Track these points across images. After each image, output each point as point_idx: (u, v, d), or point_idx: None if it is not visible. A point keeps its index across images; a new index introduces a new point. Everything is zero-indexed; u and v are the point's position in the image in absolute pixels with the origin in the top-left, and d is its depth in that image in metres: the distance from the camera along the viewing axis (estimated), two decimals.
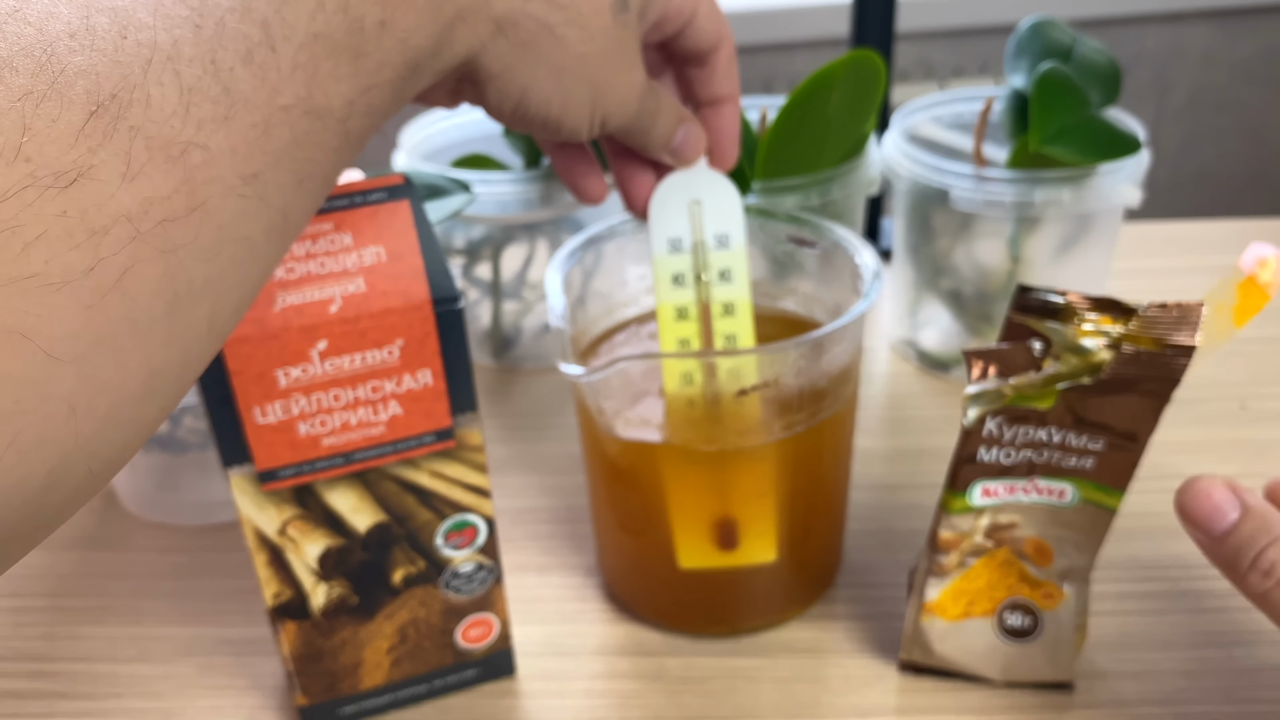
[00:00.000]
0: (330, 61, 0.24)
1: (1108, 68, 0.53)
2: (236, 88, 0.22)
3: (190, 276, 0.21)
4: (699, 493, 0.41)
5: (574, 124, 0.34)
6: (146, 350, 0.21)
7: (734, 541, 0.41)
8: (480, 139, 0.62)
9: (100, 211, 0.19)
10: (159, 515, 0.53)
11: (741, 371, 0.40)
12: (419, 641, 0.40)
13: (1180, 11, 1.38)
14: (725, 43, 0.39)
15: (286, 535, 0.36)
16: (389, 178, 0.35)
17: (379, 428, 0.35)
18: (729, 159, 0.41)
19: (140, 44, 0.20)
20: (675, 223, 0.41)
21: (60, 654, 0.45)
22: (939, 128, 0.60)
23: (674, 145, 0.39)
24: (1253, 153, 1.50)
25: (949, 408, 0.58)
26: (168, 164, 0.20)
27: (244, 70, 0.22)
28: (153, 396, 0.21)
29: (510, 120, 0.34)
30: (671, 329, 0.41)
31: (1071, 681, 0.40)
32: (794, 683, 0.42)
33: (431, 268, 0.33)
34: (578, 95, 0.34)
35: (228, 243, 0.22)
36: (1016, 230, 0.54)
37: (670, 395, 0.40)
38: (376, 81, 0.25)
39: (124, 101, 0.19)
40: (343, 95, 0.24)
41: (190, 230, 0.21)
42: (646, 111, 0.37)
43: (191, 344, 0.22)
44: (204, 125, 0.21)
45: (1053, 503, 0.37)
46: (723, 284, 0.41)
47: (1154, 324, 0.33)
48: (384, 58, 0.26)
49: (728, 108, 0.41)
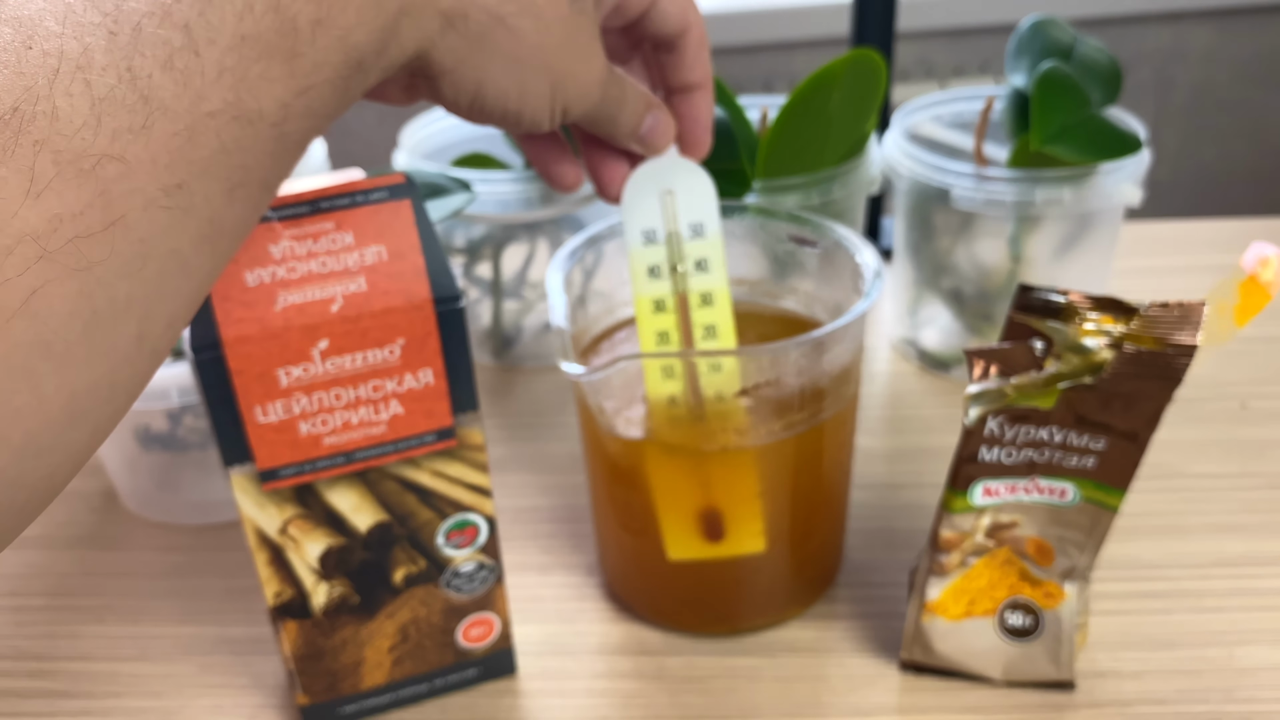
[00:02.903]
0: (261, 64, 0.23)
1: (1108, 67, 0.53)
2: (156, 95, 0.21)
3: (111, 294, 0.20)
4: (696, 489, 0.41)
5: (534, 116, 0.33)
6: (64, 373, 0.20)
7: (720, 533, 0.41)
8: (481, 138, 0.62)
9: (2, 232, 0.18)
10: (159, 514, 0.53)
11: (726, 371, 0.39)
12: (420, 641, 0.40)
13: (1180, 11, 1.38)
14: (693, 27, 0.38)
15: (287, 534, 0.36)
16: (390, 177, 0.34)
17: (380, 427, 0.35)
18: (702, 148, 0.40)
19: (47, 54, 0.19)
20: (649, 214, 0.40)
21: (60, 653, 0.45)
22: (939, 127, 0.60)
23: (642, 133, 0.38)
24: (1253, 153, 1.50)
25: (950, 407, 0.58)
26: (79, 178, 0.19)
27: (164, 77, 0.21)
28: (78, 421, 0.21)
29: (468, 114, 0.33)
30: (649, 321, 0.41)
31: (1072, 681, 0.40)
32: (795, 682, 0.42)
33: (433, 267, 0.33)
34: (535, 86, 0.33)
35: (152, 257, 0.21)
36: (1017, 229, 0.54)
37: (653, 397, 0.40)
38: (314, 82, 0.24)
39: (26, 115, 0.19)
40: (276, 98, 0.23)
41: (106, 246, 0.20)
42: (610, 99, 0.36)
43: (119, 364, 0.21)
44: (119, 136, 0.20)
45: (1054, 502, 0.37)
46: (699, 274, 0.41)
47: (1155, 323, 0.33)
48: (321, 57, 0.24)
49: (699, 94, 0.40)
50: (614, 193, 0.40)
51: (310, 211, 0.33)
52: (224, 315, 0.32)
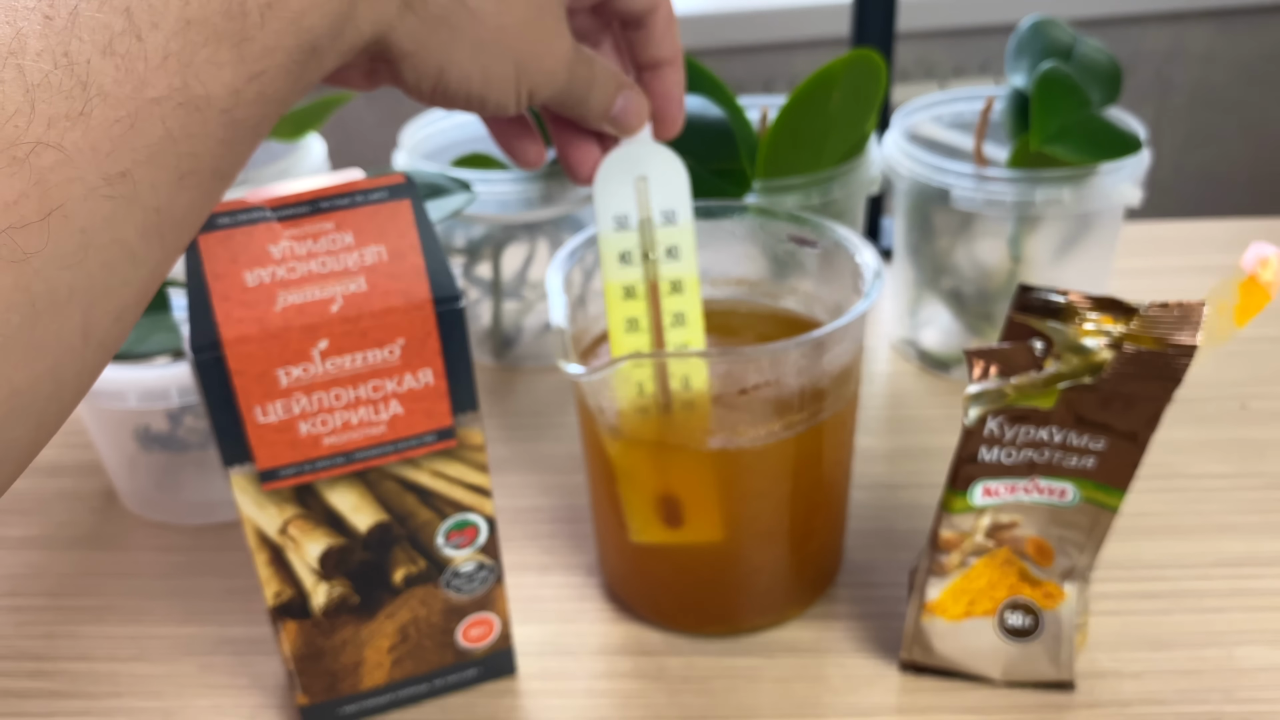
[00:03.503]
0: (208, 48, 0.22)
1: (1108, 67, 0.53)
2: (95, 81, 0.20)
3: (50, 285, 0.20)
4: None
5: (499, 99, 0.33)
6: (3, 368, 0.19)
7: (679, 520, 0.41)
8: (481, 138, 0.62)
9: None
10: (159, 515, 0.53)
11: (693, 364, 0.39)
12: (420, 641, 0.40)
13: (1180, 11, 1.38)
14: (661, 4, 0.38)
15: (287, 534, 0.36)
16: (390, 177, 0.34)
17: (380, 427, 0.35)
18: (673, 125, 0.40)
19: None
20: (621, 199, 0.40)
21: (60, 654, 0.45)
22: (939, 127, 0.60)
23: (614, 114, 0.38)
24: (1253, 153, 1.50)
25: (950, 407, 0.58)
26: (12, 166, 0.19)
27: (103, 62, 0.20)
28: (20, 416, 0.20)
29: (431, 99, 0.32)
30: (619, 308, 0.41)
31: (1072, 681, 0.40)
32: (794, 682, 0.42)
33: (432, 267, 0.33)
34: (499, 69, 0.32)
35: (94, 247, 0.20)
36: (1017, 230, 0.54)
37: (621, 388, 0.40)
38: (265, 67, 0.24)
39: None
40: (225, 84, 0.23)
41: (43, 236, 0.19)
42: (579, 80, 0.35)
43: (63, 357, 0.21)
44: (55, 123, 0.19)
45: (1054, 502, 0.37)
46: (670, 261, 0.41)
47: (1155, 323, 0.33)
48: (272, 41, 0.24)
49: (669, 70, 0.39)
50: (585, 175, 0.40)
51: (310, 211, 0.33)
52: (224, 315, 0.32)
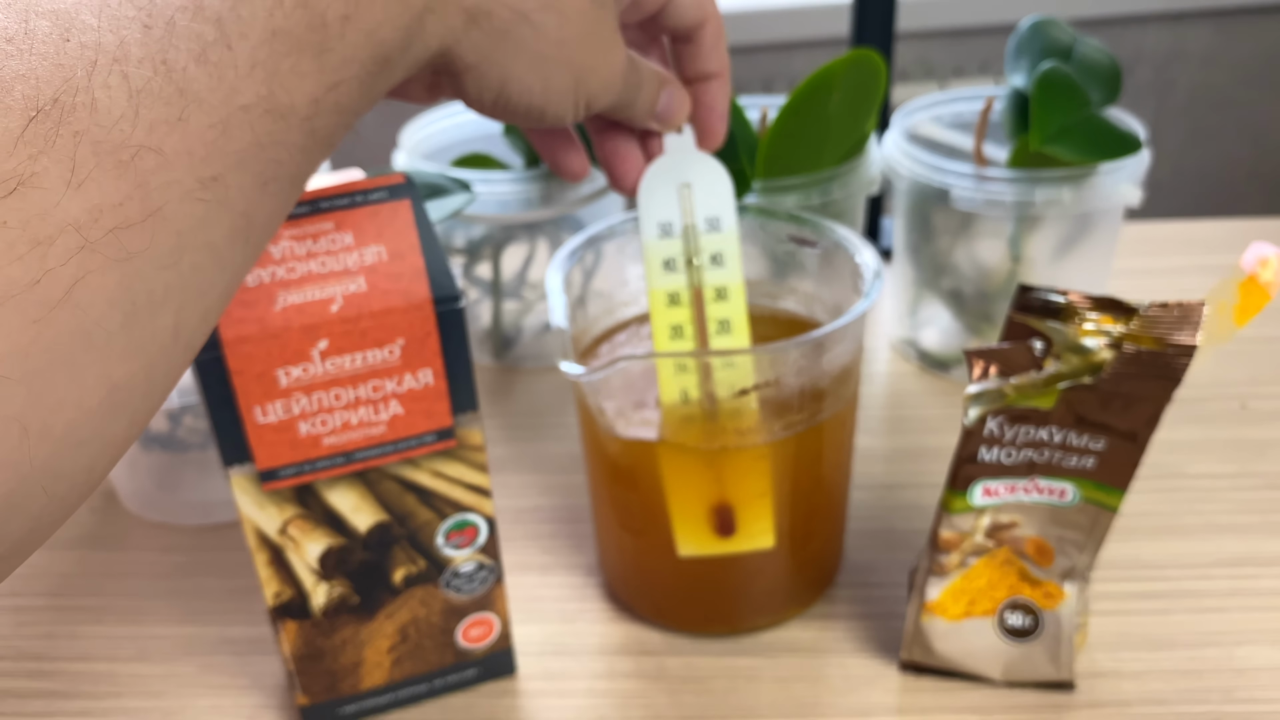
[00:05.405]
0: (291, 58, 0.23)
1: (1108, 67, 0.53)
2: (190, 88, 0.21)
3: (149, 286, 0.20)
4: (698, 487, 0.40)
5: (558, 110, 0.34)
6: (105, 364, 0.20)
7: (732, 528, 0.41)
8: (480, 138, 0.62)
9: (44, 221, 0.18)
10: (159, 515, 0.53)
11: (738, 366, 0.40)
12: (419, 641, 0.40)
13: (1180, 11, 1.38)
14: (710, 19, 0.39)
15: (287, 535, 0.36)
16: (390, 177, 0.35)
17: (380, 427, 0.35)
18: (717, 137, 0.41)
19: (84, 46, 0.19)
20: (665, 207, 0.40)
21: (60, 654, 0.45)
22: (939, 127, 0.60)
23: (658, 111, 0.39)
24: (1253, 153, 1.50)
25: (949, 407, 0.58)
26: (118, 169, 0.19)
27: (198, 70, 0.21)
28: (117, 412, 0.21)
29: (491, 111, 0.33)
30: (663, 315, 0.41)
31: (1072, 681, 0.40)
32: (794, 682, 0.42)
33: (432, 267, 0.33)
34: (559, 81, 0.33)
35: (188, 249, 0.21)
36: (1017, 230, 0.54)
37: (665, 394, 0.40)
38: (343, 78, 0.25)
39: (66, 106, 0.19)
40: (306, 93, 0.24)
41: (146, 237, 0.20)
42: (630, 86, 0.36)
43: (156, 356, 0.21)
44: (156, 128, 0.20)
45: (1053, 502, 0.37)
46: (715, 268, 0.41)
47: (1155, 323, 0.33)
48: (349, 53, 0.25)
49: (715, 84, 0.40)
50: (629, 184, 0.40)
51: (310, 211, 0.33)
52: (224, 315, 0.32)
